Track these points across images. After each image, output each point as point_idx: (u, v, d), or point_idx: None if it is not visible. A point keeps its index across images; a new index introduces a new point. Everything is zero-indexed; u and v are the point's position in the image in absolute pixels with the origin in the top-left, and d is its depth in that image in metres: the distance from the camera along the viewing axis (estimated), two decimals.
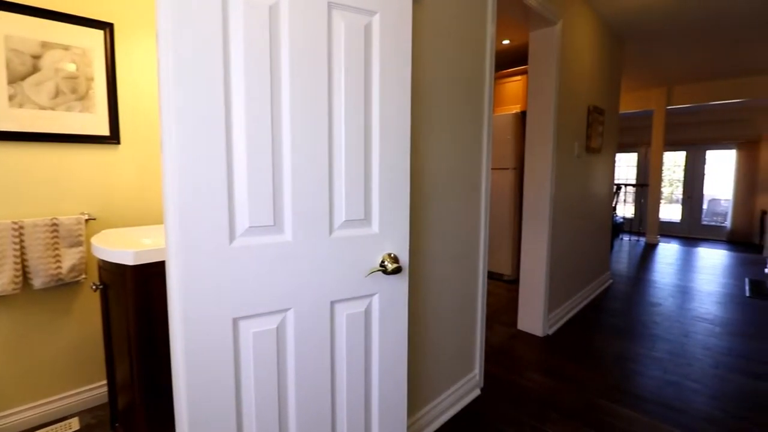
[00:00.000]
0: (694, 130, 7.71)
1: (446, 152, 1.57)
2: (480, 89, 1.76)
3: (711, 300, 3.49)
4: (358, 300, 1.02)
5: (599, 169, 3.47)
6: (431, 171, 1.50)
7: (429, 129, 1.47)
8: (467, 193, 1.73)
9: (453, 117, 1.60)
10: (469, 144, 1.72)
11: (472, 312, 1.85)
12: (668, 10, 3.00)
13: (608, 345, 2.49)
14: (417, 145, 1.42)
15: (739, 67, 4.79)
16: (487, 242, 1.87)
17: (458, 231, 1.69)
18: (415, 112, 1.40)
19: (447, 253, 1.63)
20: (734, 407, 1.84)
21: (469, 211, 1.75)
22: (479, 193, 1.81)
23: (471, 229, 1.77)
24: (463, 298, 1.77)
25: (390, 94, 1.01)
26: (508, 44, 3.97)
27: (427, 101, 1.45)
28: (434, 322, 1.60)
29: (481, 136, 1.79)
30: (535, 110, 2.58)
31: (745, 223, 7.23)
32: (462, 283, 1.75)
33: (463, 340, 1.80)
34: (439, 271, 1.60)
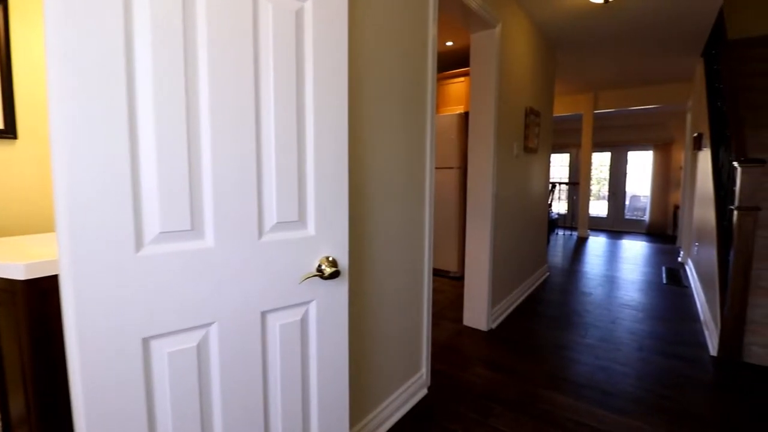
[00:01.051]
0: (618, 132, 8.43)
1: (389, 151, 1.54)
2: (423, 89, 1.74)
3: (634, 288, 3.81)
4: (293, 308, 0.95)
5: (536, 168, 3.65)
6: (374, 170, 1.46)
7: (371, 127, 1.42)
8: (411, 192, 1.71)
9: (396, 116, 1.57)
10: (413, 143, 1.70)
11: (418, 312, 1.83)
12: (589, 24, 3.22)
13: (546, 335, 2.62)
14: (358, 143, 1.37)
15: (653, 76, 5.29)
16: (431, 241, 1.87)
17: (402, 230, 1.66)
18: (356, 109, 1.34)
19: (391, 253, 1.60)
20: (657, 386, 1.99)
21: (413, 210, 1.73)
22: (423, 192, 1.80)
23: (415, 227, 1.76)
24: (409, 298, 1.75)
25: (325, 86, 0.95)
26: (451, 46, 4.05)
27: (369, 99, 1.40)
28: (379, 325, 1.56)
29: (424, 135, 1.78)
30: (477, 111, 2.63)
31: (661, 216, 8.04)
32: (407, 283, 1.72)
33: (410, 341, 1.78)
34: (384, 273, 1.56)
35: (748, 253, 2.19)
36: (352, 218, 1.36)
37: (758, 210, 2.16)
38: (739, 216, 2.20)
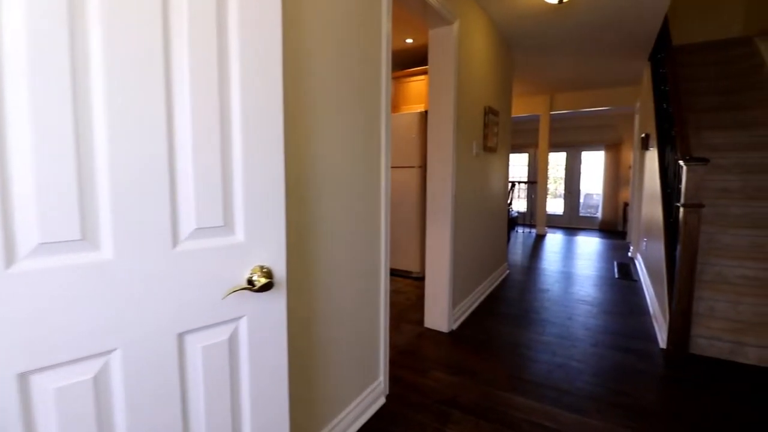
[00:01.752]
0: (572, 133, 8.77)
1: (340, 147, 1.43)
2: (376, 84, 1.65)
3: (589, 283, 3.93)
4: (219, 327, 0.82)
5: (496, 167, 3.67)
6: (323, 166, 1.35)
7: (318, 122, 1.31)
8: (366, 190, 1.61)
9: (347, 111, 1.47)
10: (367, 139, 1.61)
11: (375, 318, 1.74)
12: (544, 24, 3.26)
13: (506, 334, 2.61)
14: (304, 139, 1.25)
15: (605, 79, 5.50)
16: (388, 242, 1.78)
17: (356, 230, 1.56)
18: (300, 102, 1.23)
19: (343, 255, 1.49)
20: (612, 382, 2.02)
21: (368, 209, 1.64)
22: (379, 190, 1.71)
23: (371, 227, 1.66)
24: (365, 303, 1.66)
25: (255, 69, 0.83)
26: (411, 43, 3.99)
27: (315, 92, 1.29)
28: (331, 334, 1.45)
29: (379, 131, 1.69)
30: (436, 108, 2.58)
31: (612, 213, 8.45)
32: (362, 287, 1.63)
33: (366, 348, 1.69)
34: (335, 277, 1.46)
35: (694, 248, 2.28)
36: (297, 220, 1.25)
37: (702, 207, 2.24)
38: (684, 213, 2.29)
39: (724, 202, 3.02)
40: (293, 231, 1.23)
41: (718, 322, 2.42)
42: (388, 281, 1.81)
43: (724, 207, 3.02)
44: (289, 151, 1.19)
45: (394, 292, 3.45)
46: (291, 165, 1.20)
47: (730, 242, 2.82)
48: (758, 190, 3.08)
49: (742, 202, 2.97)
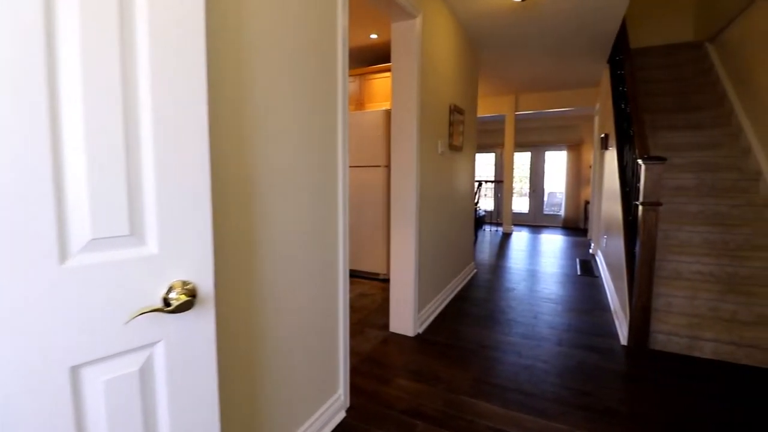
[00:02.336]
0: (536, 134, 8.98)
1: (291, 145, 1.31)
2: (331, 79, 1.54)
3: (553, 280, 3.98)
4: (127, 356, 0.69)
5: (462, 166, 3.63)
6: (272, 166, 1.22)
7: (267, 118, 1.19)
8: (321, 191, 1.49)
9: (299, 108, 1.34)
10: (322, 138, 1.49)
11: (333, 327, 1.63)
12: (508, 23, 3.25)
13: (473, 335, 2.57)
14: (249, 136, 1.12)
15: (567, 81, 5.63)
16: (347, 244, 1.67)
17: (310, 232, 1.44)
18: (244, 97, 1.10)
19: (296, 261, 1.37)
20: (576, 382, 2.00)
21: (324, 210, 1.52)
22: (336, 191, 1.60)
23: (327, 229, 1.55)
24: (320, 312, 1.54)
25: (170, 45, 0.70)
26: (376, 39, 3.90)
27: (263, 86, 1.16)
28: (280, 348, 1.32)
29: (335, 130, 1.58)
30: (399, 106, 2.49)
31: (574, 211, 8.71)
32: (317, 295, 1.51)
33: (323, 360, 1.57)
34: (285, 286, 1.33)
35: (652, 245, 2.31)
36: (242, 223, 1.11)
37: (660, 205, 2.28)
38: (643, 211, 2.31)
39: (680, 200, 3.12)
40: (237, 235, 1.10)
41: (676, 318, 2.48)
42: (348, 287, 1.70)
43: (680, 204, 3.12)
44: (228, 148, 1.05)
45: (360, 296, 3.34)
46: (232, 163, 1.07)
47: (685, 239, 2.91)
48: (711, 188, 3.20)
49: (697, 200, 3.08)
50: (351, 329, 2.63)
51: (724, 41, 4.01)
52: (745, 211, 2.95)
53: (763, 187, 3.02)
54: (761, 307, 2.37)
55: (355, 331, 2.59)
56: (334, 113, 1.56)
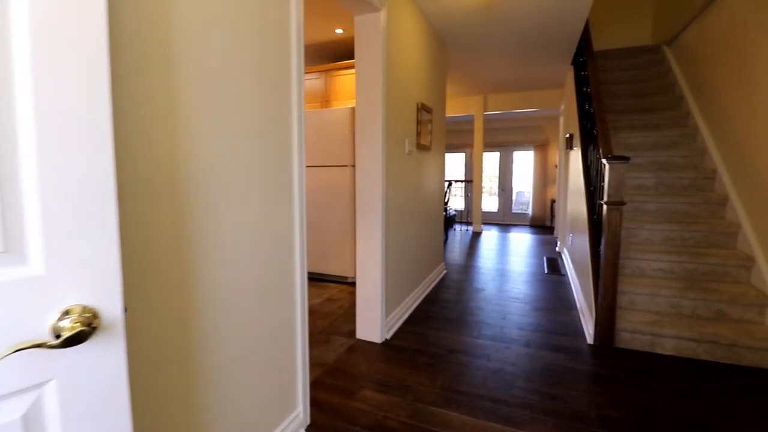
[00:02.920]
0: (505, 134, 9.12)
1: (232, 143, 1.18)
2: (285, 76, 1.42)
3: (521, 279, 3.99)
4: (6, 401, 0.55)
5: (431, 165, 3.58)
6: (210, 166, 1.09)
7: (204, 114, 1.05)
8: (272, 193, 1.37)
9: (244, 104, 1.22)
10: (274, 136, 1.36)
11: (290, 341, 1.51)
12: (475, 23, 3.22)
13: (441, 339, 2.50)
14: (184, 134, 0.99)
15: (533, 82, 5.71)
16: (304, 250, 1.56)
17: (260, 238, 1.31)
18: (177, 92, 0.96)
19: (244, 269, 1.24)
20: (544, 385, 1.97)
21: (275, 214, 1.40)
22: (291, 192, 1.48)
23: (281, 233, 1.42)
24: (276, 327, 1.41)
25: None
26: (342, 34, 3.78)
27: (199, 80, 1.03)
28: (226, 373, 1.19)
29: (289, 128, 1.46)
30: (364, 103, 2.39)
31: (541, 210, 8.91)
32: (271, 309, 1.38)
33: (279, 378, 1.44)
34: (233, 296, 1.20)
35: (617, 244, 2.32)
36: (175, 227, 0.98)
37: (624, 204, 2.29)
38: (608, 210, 2.32)
39: (640, 199, 3.19)
40: (167, 245, 0.96)
41: (639, 315, 2.51)
42: (306, 295, 1.58)
43: (641, 203, 3.18)
44: (158, 148, 0.92)
45: (327, 301, 3.21)
46: (161, 162, 0.93)
47: (647, 237, 2.97)
48: (670, 187, 3.29)
49: (657, 198, 3.15)
50: (316, 338, 2.51)
51: (680, 45, 4.16)
52: (702, 209, 3.05)
53: (718, 186, 3.13)
54: (719, 303, 2.43)
55: (319, 340, 2.46)
56: (287, 113, 1.44)
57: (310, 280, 3.81)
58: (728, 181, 3.00)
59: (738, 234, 2.76)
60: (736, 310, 2.41)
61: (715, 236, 2.82)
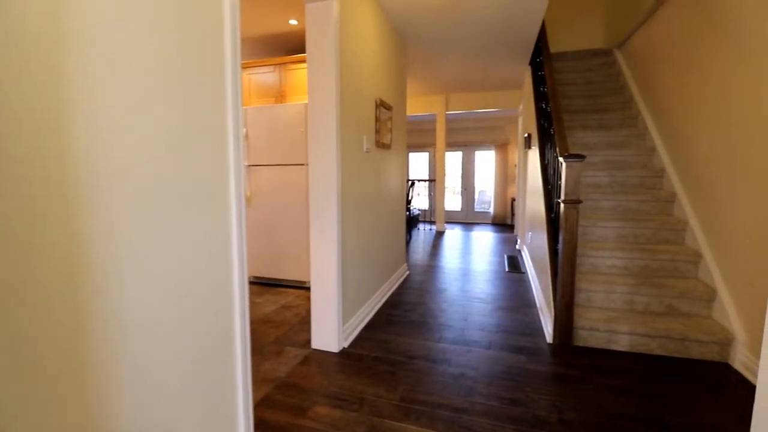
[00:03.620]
0: (467, 134, 9.23)
1: (147, 141, 1.00)
2: (217, 68, 1.25)
3: (483, 278, 3.99)
4: None
5: (391, 164, 3.48)
6: (120, 166, 0.91)
7: (107, 108, 0.87)
8: (201, 197, 1.20)
9: (166, 98, 1.04)
10: (201, 133, 1.20)
11: (227, 365, 1.34)
12: (434, 19, 3.16)
13: (402, 345, 2.40)
14: (84, 132, 0.80)
15: (493, 82, 5.77)
16: (244, 259, 1.39)
17: (182, 251, 1.14)
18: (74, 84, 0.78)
19: (155, 290, 1.07)
20: (506, 390, 1.91)
21: (207, 222, 1.23)
22: (226, 196, 1.31)
23: (212, 245, 1.26)
24: (204, 348, 1.24)
25: None
26: (296, 25, 3.59)
27: (104, 70, 0.85)
28: (147, 404, 1.02)
29: (223, 126, 1.29)
30: (317, 98, 2.25)
31: (502, 208, 9.09)
32: (198, 327, 1.22)
33: (211, 404, 1.28)
34: (150, 319, 1.03)
35: (574, 243, 2.32)
36: (71, 242, 0.80)
37: (580, 202, 2.29)
38: (565, 209, 2.31)
39: (595, 197, 3.25)
40: (64, 259, 0.78)
41: (596, 312, 2.53)
42: (247, 308, 1.42)
43: (595, 201, 3.24)
44: (46, 140, 0.74)
45: (283, 308, 3.03)
46: (52, 162, 0.75)
47: (601, 234, 3.02)
48: (622, 185, 3.38)
49: (610, 196, 3.22)
50: (267, 349, 2.33)
51: (629, 49, 4.31)
52: (652, 206, 3.14)
53: (666, 184, 3.25)
54: (670, 298, 2.49)
55: (271, 352, 2.29)
56: (221, 110, 1.27)
57: (266, 286, 3.60)
58: (675, 179, 3.11)
59: (686, 230, 2.87)
60: (686, 304, 2.48)
61: (664, 233, 2.91)
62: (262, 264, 3.62)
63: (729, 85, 2.39)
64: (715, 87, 2.54)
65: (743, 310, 2.18)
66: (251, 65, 3.85)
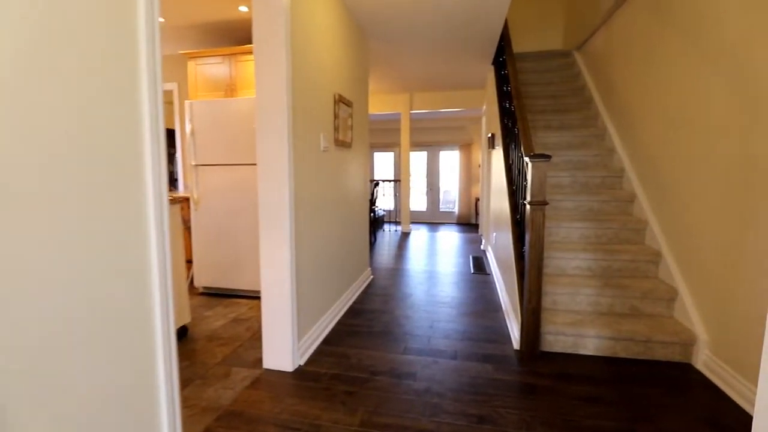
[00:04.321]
0: (431, 133, 9.19)
1: (30, 140, 0.77)
2: (129, 57, 1.03)
3: (449, 281, 3.89)
4: None
5: (353, 164, 3.29)
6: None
7: None
8: (105, 207, 0.97)
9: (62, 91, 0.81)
10: (113, 133, 0.97)
11: (144, 407, 1.11)
12: (396, 13, 3.01)
13: (364, 359, 2.23)
14: None
15: (456, 81, 5.71)
16: (168, 278, 1.17)
17: (81, 266, 0.91)
18: None
19: (55, 334, 0.84)
20: (474, 406, 1.79)
21: (113, 235, 1.00)
22: (142, 205, 1.09)
23: (125, 261, 1.03)
24: (109, 396, 1.01)
25: None
26: (247, 13, 3.33)
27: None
28: None
29: (138, 123, 1.07)
30: (265, 91, 2.03)
31: (466, 208, 9.13)
32: (104, 369, 0.99)
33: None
34: (36, 361, 0.79)
35: (541, 246, 2.24)
36: None
37: (546, 204, 2.21)
38: (531, 211, 2.23)
39: (558, 197, 3.22)
40: None
41: (562, 316, 2.48)
42: (173, 340, 1.19)
43: (559, 201, 3.22)
44: None
45: (234, 322, 2.77)
46: None
47: (565, 235, 2.99)
48: (584, 186, 3.38)
49: (573, 197, 3.20)
50: (212, 372, 2.08)
51: (588, 50, 4.37)
52: (613, 206, 3.16)
53: (626, 184, 3.27)
54: (633, 299, 2.48)
55: (217, 375, 2.05)
56: (135, 104, 1.05)
57: (217, 298, 3.31)
58: (635, 179, 3.13)
59: (645, 230, 2.88)
60: (648, 305, 2.47)
61: (625, 233, 2.92)
62: (213, 273, 3.33)
63: (686, 85, 2.40)
64: (673, 88, 2.56)
65: (704, 310, 2.18)
66: (198, 55, 3.54)
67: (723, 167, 2.03)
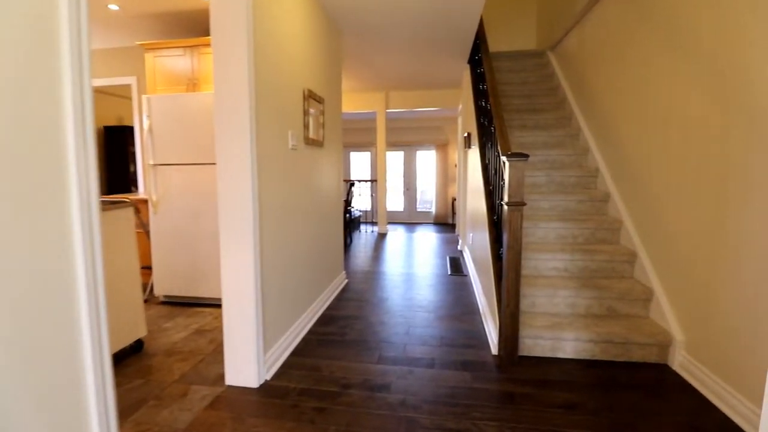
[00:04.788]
0: (408, 133, 9.13)
1: None
2: (49, 44, 0.86)
3: (426, 283, 3.80)
4: None
5: (325, 163, 3.15)
6: None
7: None
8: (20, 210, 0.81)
9: None
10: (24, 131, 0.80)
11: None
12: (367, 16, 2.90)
13: (336, 371, 2.10)
14: None
15: (432, 80, 5.65)
16: (101, 294, 1.01)
17: None
18: None
19: None
20: (452, 419, 1.69)
21: (37, 248, 0.83)
22: (64, 215, 0.92)
23: (41, 279, 0.86)
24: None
25: None
26: None
27: None
28: None
29: (55, 102, 0.90)
30: (225, 87, 1.86)
31: (443, 208, 9.12)
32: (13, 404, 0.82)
33: None
34: None
35: (518, 248, 2.17)
36: None
37: (524, 205, 2.14)
38: (509, 212, 2.15)
39: (534, 197, 3.18)
40: None
41: (539, 319, 2.42)
42: (110, 372, 1.03)
43: (535, 201, 3.18)
44: None
45: (195, 333, 2.58)
46: None
47: (542, 235, 2.95)
48: (559, 185, 3.36)
49: (549, 196, 3.17)
50: (169, 390, 1.90)
51: (562, 50, 4.38)
52: (588, 206, 3.14)
53: (600, 183, 3.27)
54: (610, 300, 2.45)
55: (174, 394, 1.87)
56: (51, 79, 0.88)
57: (178, 307, 3.10)
58: (609, 179, 3.13)
59: (620, 230, 2.87)
60: (625, 305, 2.45)
61: (601, 232, 2.90)
62: (175, 281, 3.11)
63: (660, 85, 2.39)
64: (646, 87, 2.55)
65: (680, 310, 2.16)
66: (156, 46, 3.30)
67: (697, 166, 2.02)
